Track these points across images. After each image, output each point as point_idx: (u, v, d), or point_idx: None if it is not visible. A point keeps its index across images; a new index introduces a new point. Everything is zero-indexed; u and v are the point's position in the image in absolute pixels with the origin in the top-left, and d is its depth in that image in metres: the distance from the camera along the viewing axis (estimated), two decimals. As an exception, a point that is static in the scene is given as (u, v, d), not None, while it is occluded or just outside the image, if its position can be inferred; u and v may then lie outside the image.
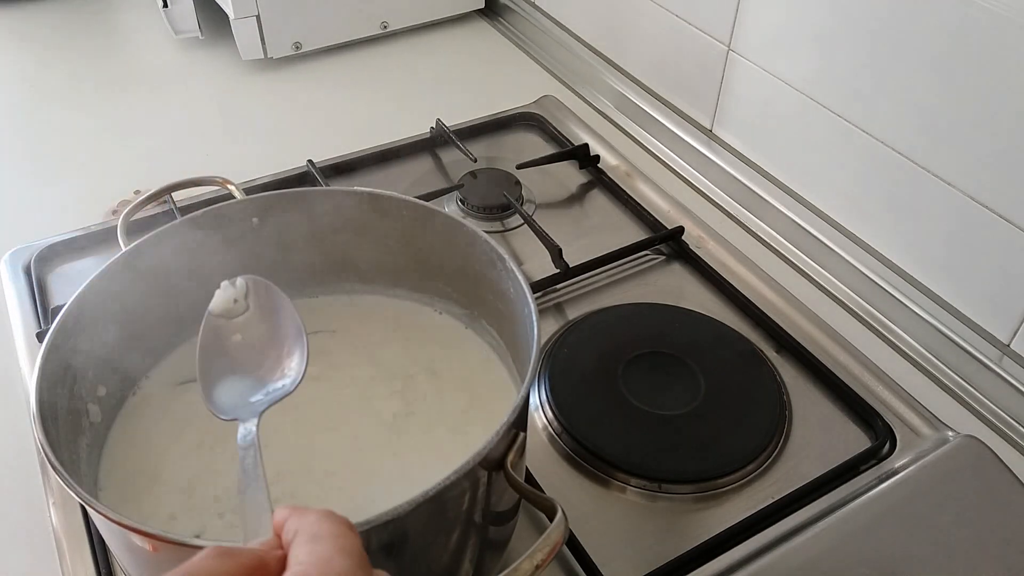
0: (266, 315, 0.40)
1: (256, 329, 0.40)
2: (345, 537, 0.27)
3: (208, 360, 0.40)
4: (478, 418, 0.50)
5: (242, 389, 0.40)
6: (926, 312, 0.66)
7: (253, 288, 0.40)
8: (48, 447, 0.38)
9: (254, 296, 0.40)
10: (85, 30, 1.08)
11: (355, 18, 1.02)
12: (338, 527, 0.27)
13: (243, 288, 0.40)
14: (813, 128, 0.72)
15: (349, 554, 0.26)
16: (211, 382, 0.40)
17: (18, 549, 0.53)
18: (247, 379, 0.40)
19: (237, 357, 0.41)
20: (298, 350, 0.39)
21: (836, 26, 0.67)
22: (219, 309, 0.39)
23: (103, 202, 0.79)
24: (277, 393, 0.39)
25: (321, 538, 0.27)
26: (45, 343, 0.42)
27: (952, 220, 0.63)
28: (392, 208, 0.52)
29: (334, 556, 0.26)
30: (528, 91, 0.94)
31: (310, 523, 0.27)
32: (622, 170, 0.83)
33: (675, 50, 0.86)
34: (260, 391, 0.40)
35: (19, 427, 0.60)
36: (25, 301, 0.68)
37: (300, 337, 0.39)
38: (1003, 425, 0.61)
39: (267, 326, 0.40)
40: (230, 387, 0.40)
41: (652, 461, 0.56)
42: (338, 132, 0.88)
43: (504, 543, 0.48)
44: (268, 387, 0.40)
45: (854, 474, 0.56)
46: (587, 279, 0.71)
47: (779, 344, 0.65)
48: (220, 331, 0.40)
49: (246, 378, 0.40)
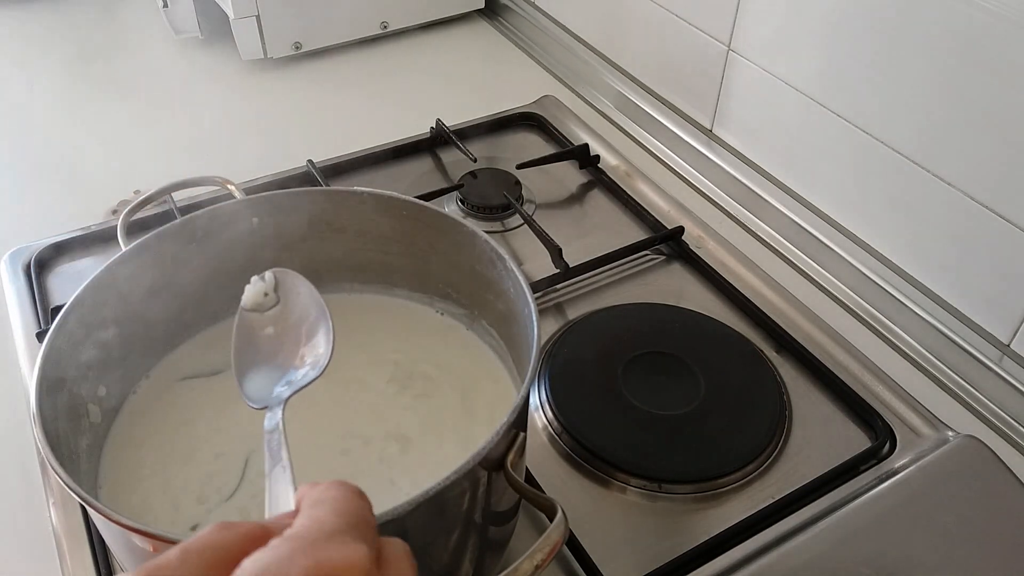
0: (295, 305, 0.40)
1: (286, 320, 0.40)
2: (344, 500, 0.27)
3: (241, 354, 0.41)
4: (478, 418, 0.50)
5: (271, 378, 0.40)
6: (926, 312, 0.66)
7: (282, 280, 0.41)
8: (48, 447, 0.38)
9: (283, 288, 0.41)
10: (85, 30, 1.08)
11: (355, 18, 1.02)
12: (340, 491, 0.28)
13: (272, 281, 0.41)
14: (813, 128, 0.72)
15: (341, 514, 0.26)
16: (243, 373, 0.41)
17: (18, 549, 0.53)
18: (276, 368, 0.40)
19: (268, 348, 0.41)
20: (324, 338, 0.39)
21: (836, 26, 0.67)
22: (250, 304, 0.40)
23: (103, 202, 0.79)
24: (305, 379, 0.40)
25: (322, 502, 0.27)
26: (45, 343, 0.42)
27: (952, 220, 0.63)
28: (392, 208, 0.52)
29: (327, 517, 0.26)
30: (528, 91, 0.94)
31: (318, 491, 0.28)
32: (622, 170, 0.83)
33: (675, 50, 0.86)
34: (287, 378, 0.40)
35: (19, 427, 0.60)
36: (25, 301, 0.68)
37: (326, 325, 0.39)
38: (1003, 425, 0.61)
39: (296, 316, 0.40)
40: (259, 376, 0.40)
41: (652, 461, 0.56)
42: (338, 132, 0.88)
43: (504, 543, 0.48)
44: (296, 374, 0.40)
45: (854, 474, 0.56)
46: (587, 279, 0.71)
47: (779, 344, 0.65)
48: (252, 325, 0.41)
49: (275, 367, 0.41)
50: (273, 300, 0.40)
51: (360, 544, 0.25)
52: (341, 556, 0.24)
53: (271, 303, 0.40)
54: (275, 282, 0.41)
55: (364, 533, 0.26)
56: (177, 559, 0.24)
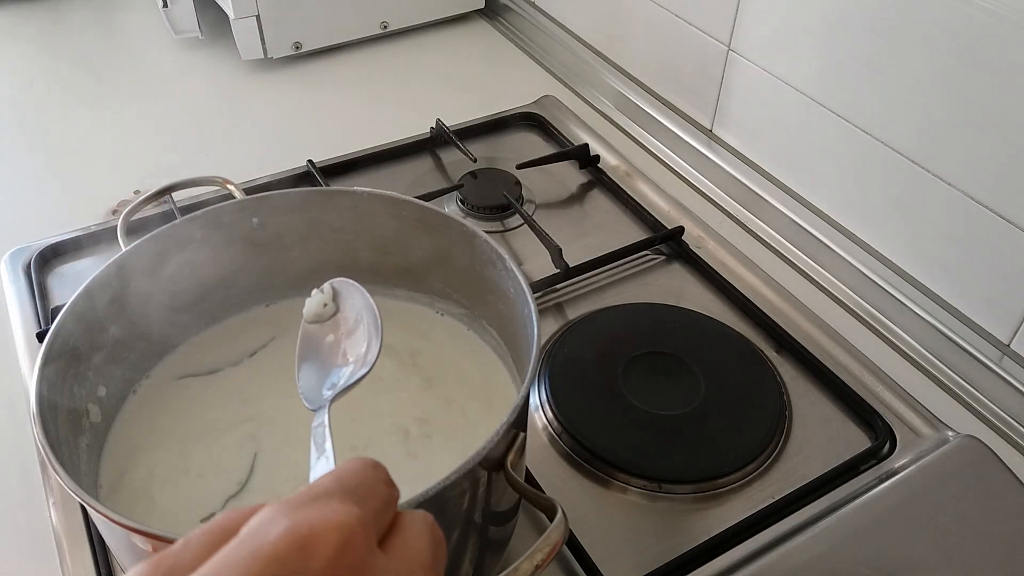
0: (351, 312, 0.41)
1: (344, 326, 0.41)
2: (350, 469, 0.27)
3: (303, 361, 0.42)
4: (478, 418, 0.50)
5: (323, 378, 0.41)
6: (926, 312, 0.66)
7: (340, 289, 0.42)
8: (48, 447, 0.38)
9: (340, 297, 0.42)
10: (85, 30, 1.08)
11: (355, 18, 1.02)
12: (351, 463, 0.28)
13: (330, 292, 0.42)
14: (813, 128, 0.72)
15: (340, 480, 0.26)
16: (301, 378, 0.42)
17: (18, 549, 0.53)
18: (330, 369, 0.42)
19: (327, 353, 0.43)
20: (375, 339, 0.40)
21: (836, 26, 0.67)
22: (312, 316, 0.41)
23: (103, 202, 0.79)
24: (354, 377, 0.41)
25: (330, 473, 0.27)
26: (45, 343, 0.43)
27: (952, 220, 0.63)
28: (392, 208, 0.52)
29: (324, 483, 0.26)
30: (528, 91, 0.94)
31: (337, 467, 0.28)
32: (622, 170, 0.83)
33: (675, 50, 0.86)
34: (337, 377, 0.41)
35: (19, 427, 0.60)
36: (25, 301, 0.68)
37: (376, 326, 0.40)
38: (1003, 425, 0.61)
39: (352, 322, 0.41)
40: (313, 377, 0.42)
41: (652, 461, 0.56)
42: (338, 132, 0.88)
43: (504, 543, 0.48)
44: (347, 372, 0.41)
45: (854, 474, 0.56)
46: (587, 279, 0.71)
47: (779, 344, 0.65)
48: (313, 336, 0.42)
49: (329, 368, 0.42)
50: (332, 310, 0.42)
51: (349, 506, 0.24)
52: (321, 516, 0.23)
53: (330, 313, 0.42)
54: (333, 292, 0.42)
55: (361, 497, 0.26)
56: (180, 546, 0.24)
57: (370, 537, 0.25)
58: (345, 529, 0.24)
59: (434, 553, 0.27)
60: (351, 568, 0.23)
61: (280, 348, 0.53)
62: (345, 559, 0.23)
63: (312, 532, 0.23)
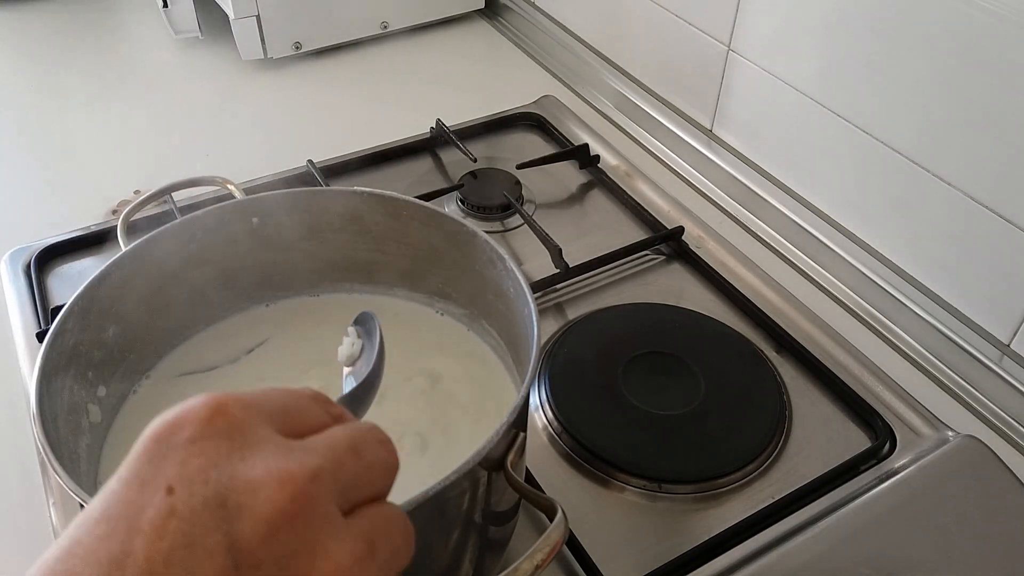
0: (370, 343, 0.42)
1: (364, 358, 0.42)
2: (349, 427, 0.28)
3: None
4: (478, 418, 0.50)
5: None
6: (926, 312, 0.66)
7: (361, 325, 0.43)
8: (48, 447, 0.38)
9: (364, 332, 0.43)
10: (85, 30, 1.08)
11: (355, 18, 1.02)
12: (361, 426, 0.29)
13: (354, 334, 0.43)
14: (813, 128, 0.72)
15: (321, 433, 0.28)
16: None
17: (18, 549, 0.53)
18: None
19: None
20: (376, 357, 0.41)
21: (836, 26, 0.67)
22: (346, 359, 0.43)
23: (103, 202, 0.79)
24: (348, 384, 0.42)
25: None
26: (45, 343, 0.42)
27: (952, 220, 0.63)
28: (392, 208, 0.52)
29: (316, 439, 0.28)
30: (528, 91, 0.94)
31: None
32: (622, 170, 0.83)
33: (675, 50, 0.86)
34: None
35: (19, 427, 0.60)
36: (25, 301, 0.68)
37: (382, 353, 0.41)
38: (1003, 425, 0.61)
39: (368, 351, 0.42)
40: None
41: (652, 461, 0.56)
42: (338, 132, 0.88)
43: (504, 543, 0.48)
44: None
45: (854, 474, 0.56)
46: (587, 279, 0.71)
47: (779, 344, 0.65)
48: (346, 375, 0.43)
49: None
50: (360, 347, 0.42)
51: (307, 456, 0.26)
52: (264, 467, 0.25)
53: (359, 350, 0.42)
54: (357, 332, 0.43)
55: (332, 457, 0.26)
56: None
57: (316, 494, 0.25)
58: (286, 482, 0.25)
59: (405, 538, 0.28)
60: None
61: (277, 346, 0.53)
62: None
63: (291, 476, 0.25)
